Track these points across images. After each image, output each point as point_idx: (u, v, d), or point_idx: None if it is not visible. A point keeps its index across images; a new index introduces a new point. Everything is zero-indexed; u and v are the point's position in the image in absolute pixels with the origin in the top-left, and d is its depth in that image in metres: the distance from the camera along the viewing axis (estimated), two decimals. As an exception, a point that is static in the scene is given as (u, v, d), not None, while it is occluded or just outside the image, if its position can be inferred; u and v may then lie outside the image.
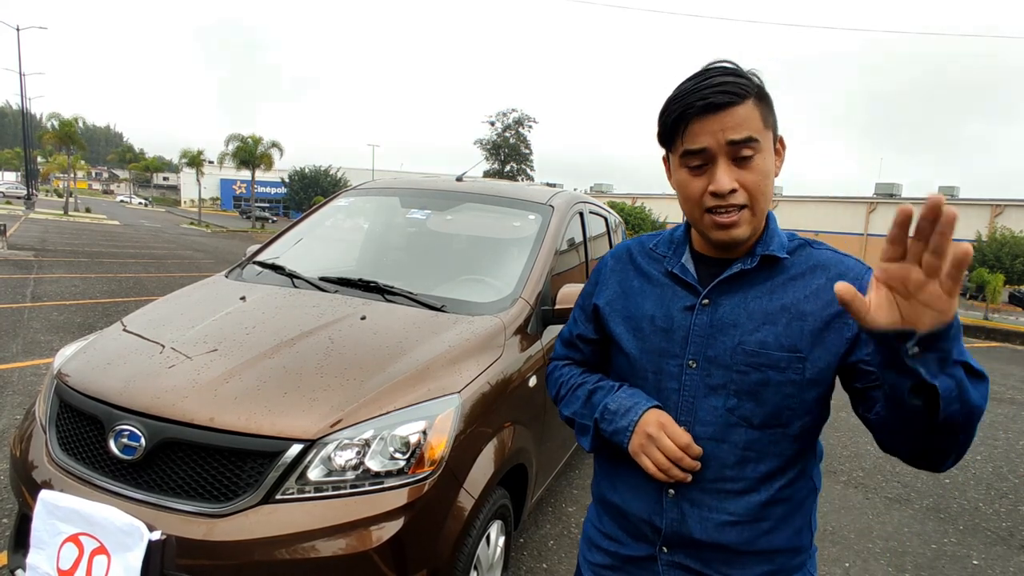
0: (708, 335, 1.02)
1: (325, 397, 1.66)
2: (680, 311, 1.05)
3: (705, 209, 0.98)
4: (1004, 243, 26.68)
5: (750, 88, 0.95)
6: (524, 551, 2.84)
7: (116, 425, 1.62)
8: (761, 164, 0.96)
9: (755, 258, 1.02)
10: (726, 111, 0.93)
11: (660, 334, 1.06)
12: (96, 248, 16.14)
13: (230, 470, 1.55)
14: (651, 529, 1.07)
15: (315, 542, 1.49)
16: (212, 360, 1.80)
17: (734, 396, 1.00)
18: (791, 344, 0.97)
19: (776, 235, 1.05)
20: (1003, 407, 6.60)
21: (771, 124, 0.99)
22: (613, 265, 1.19)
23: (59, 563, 1.54)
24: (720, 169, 0.95)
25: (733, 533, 1.01)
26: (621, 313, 1.12)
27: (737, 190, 0.95)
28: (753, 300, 1.01)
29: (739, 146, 0.94)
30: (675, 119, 0.98)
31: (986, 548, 3.30)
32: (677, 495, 1.03)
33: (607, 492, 1.16)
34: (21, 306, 7.39)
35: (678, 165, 1.01)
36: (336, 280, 2.47)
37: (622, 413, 1.05)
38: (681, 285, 1.07)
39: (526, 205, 2.91)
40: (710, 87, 0.94)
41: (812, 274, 1.01)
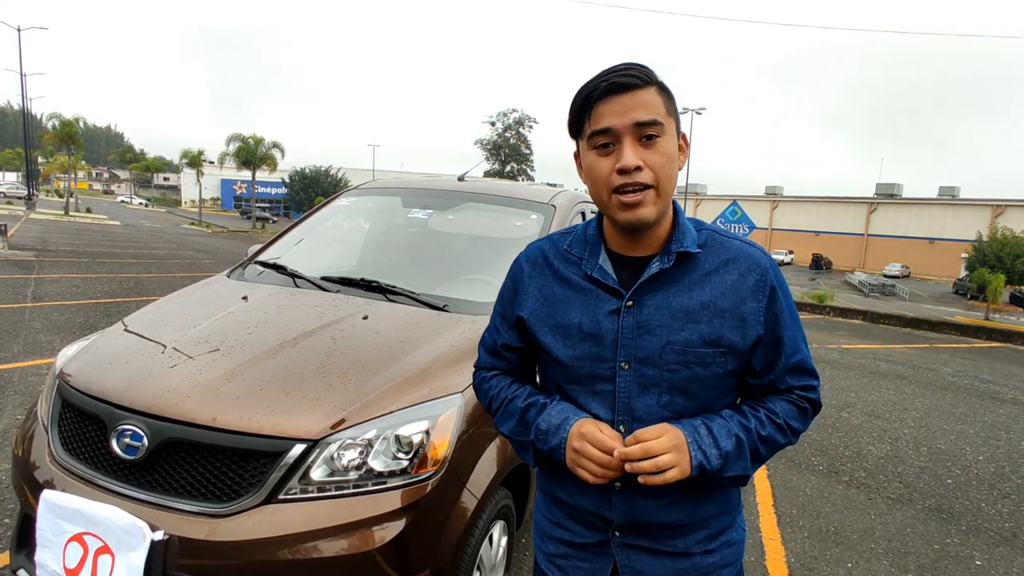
0: (636, 336, 1.05)
1: (328, 397, 1.66)
2: (606, 315, 1.07)
3: (612, 189, 1.01)
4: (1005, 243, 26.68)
5: (652, 77, 1.00)
6: (527, 551, 2.83)
7: (118, 425, 1.62)
8: (666, 146, 1.00)
9: (671, 256, 1.05)
10: (630, 92, 0.98)
11: (590, 340, 1.07)
12: (97, 248, 16.15)
13: (233, 470, 1.55)
14: (602, 520, 1.13)
15: (318, 542, 1.49)
16: (214, 360, 1.80)
17: (666, 392, 1.05)
18: (714, 339, 1.03)
19: (687, 229, 1.08)
20: (1005, 407, 6.59)
21: (673, 114, 1.03)
22: (529, 271, 1.18)
23: (65, 561, 1.55)
24: (626, 146, 0.98)
25: (676, 512, 1.10)
26: (546, 323, 1.12)
27: (643, 168, 0.98)
28: (674, 298, 1.05)
29: (645, 127, 0.98)
30: (582, 102, 1.02)
31: (989, 549, 3.29)
32: (624, 487, 1.08)
33: (555, 489, 1.20)
34: (22, 306, 7.40)
35: (586, 149, 1.04)
36: (338, 280, 2.46)
37: (552, 431, 1.08)
38: (603, 288, 1.08)
39: (528, 204, 2.90)
40: (614, 72, 0.99)
41: (725, 269, 1.06)
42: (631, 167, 0.97)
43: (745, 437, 1.04)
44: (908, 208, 46.72)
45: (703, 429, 1.03)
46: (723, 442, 1.02)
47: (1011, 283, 24.54)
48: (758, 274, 1.06)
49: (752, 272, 1.06)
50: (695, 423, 1.04)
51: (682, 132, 1.07)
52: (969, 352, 10.82)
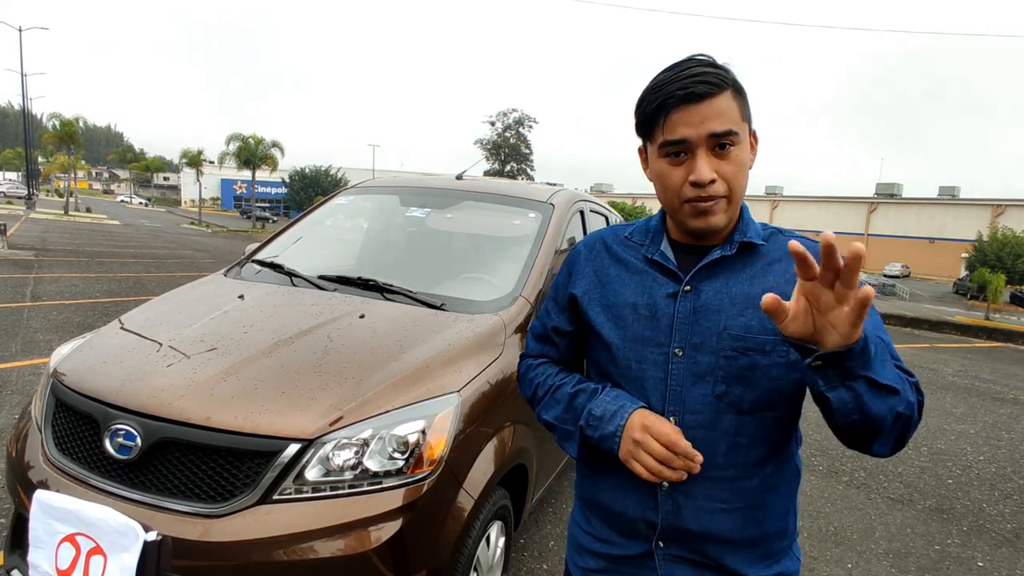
0: (692, 322, 1.01)
1: (323, 396, 1.64)
2: (663, 298, 1.04)
3: (684, 200, 0.98)
4: (1005, 243, 26.67)
5: (727, 80, 0.96)
6: (525, 552, 2.82)
7: (112, 424, 1.60)
8: (739, 155, 0.97)
9: (734, 245, 1.03)
10: (706, 102, 0.94)
11: (644, 322, 1.04)
12: (96, 248, 16.14)
13: (227, 470, 1.53)
14: (646, 525, 1.06)
15: (313, 543, 1.47)
16: (209, 359, 1.78)
17: (722, 382, 0.99)
18: (775, 327, 0.95)
19: (751, 224, 1.06)
20: (1006, 407, 6.57)
21: (747, 117, 1.00)
22: (587, 254, 1.17)
23: (57, 562, 1.53)
24: (700, 160, 0.95)
25: (727, 521, 1.02)
26: (599, 302, 1.10)
27: (716, 181, 0.96)
28: (735, 285, 1.02)
29: (719, 138, 0.95)
30: (655, 109, 0.98)
31: (991, 550, 3.27)
32: (671, 487, 1.03)
33: (596, 494, 1.14)
34: (21, 305, 7.38)
35: (656, 155, 1.01)
36: (335, 278, 2.45)
37: (607, 418, 1.02)
38: (661, 272, 1.06)
39: (526, 203, 2.89)
40: (689, 77, 0.95)
41: (788, 260, 1.01)
42: (705, 181, 0.95)
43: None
44: (908, 208, 46.71)
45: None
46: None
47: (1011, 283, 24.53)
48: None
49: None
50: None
51: (752, 129, 1.03)
52: (969, 352, 10.80)
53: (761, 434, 1.01)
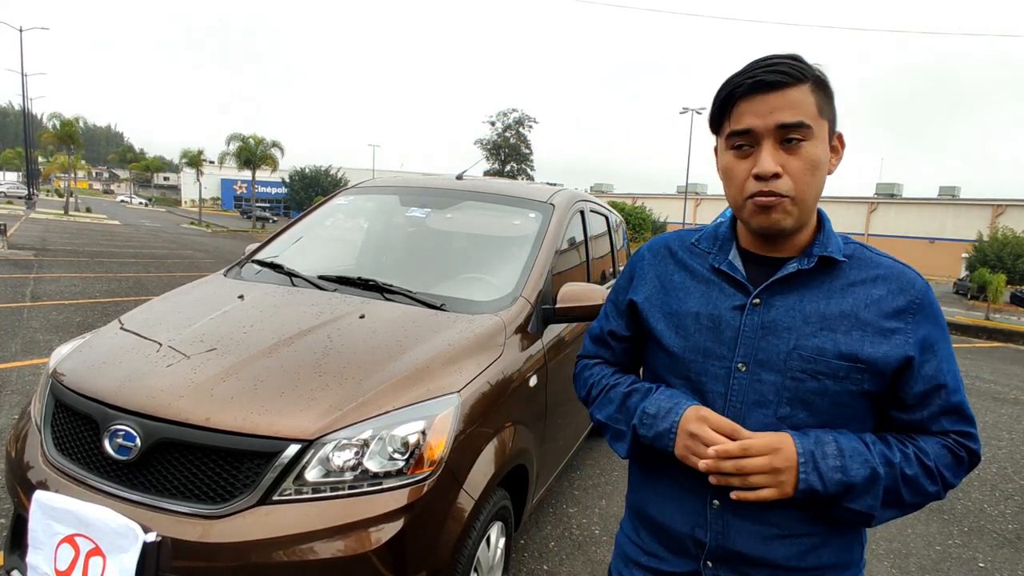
0: (759, 337, 0.96)
1: (323, 396, 1.64)
2: (729, 310, 0.99)
3: (747, 195, 0.93)
4: (1006, 243, 26.64)
5: (808, 72, 0.91)
6: (525, 552, 2.81)
7: (111, 425, 1.60)
8: (811, 152, 0.91)
9: (812, 258, 0.96)
10: (777, 92, 0.89)
11: (706, 333, 1.00)
12: (96, 248, 16.13)
13: (226, 471, 1.53)
14: (694, 543, 1.01)
15: (313, 544, 1.47)
16: (209, 359, 1.78)
17: (786, 404, 0.94)
18: (850, 352, 0.92)
19: (832, 236, 0.99)
20: (1006, 408, 6.57)
21: (828, 115, 0.93)
22: (650, 259, 1.13)
23: (56, 563, 1.52)
24: (765, 151, 0.90)
25: (781, 548, 0.96)
26: (661, 309, 1.06)
27: (781, 176, 0.90)
28: (809, 303, 0.95)
29: (788, 130, 0.89)
30: (723, 98, 0.94)
31: (992, 550, 3.27)
32: (722, 506, 0.97)
33: (645, 505, 1.10)
34: (20, 305, 7.38)
35: (724, 148, 0.97)
36: (335, 279, 2.44)
37: (662, 416, 0.98)
38: (729, 283, 1.01)
39: (527, 203, 2.88)
40: (762, 67, 0.91)
41: (873, 283, 0.96)
42: (768, 174, 0.90)
43: (884, 472, 0.91)
44: (908, 208, 46.69)
45: (832, 447, 0.90)
46: (852, 469, 0.89)
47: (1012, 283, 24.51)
48: (912, 295, 0.95)
49: (905, 292, 0.95)
50: (824, 437, 0.91)
51: (838, 132, 0.97)
52: (970, 352, 10.80)
53: None
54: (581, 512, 3.26)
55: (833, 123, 0.95)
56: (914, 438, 0.96)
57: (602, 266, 3.69)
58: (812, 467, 0.89)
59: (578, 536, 3.01)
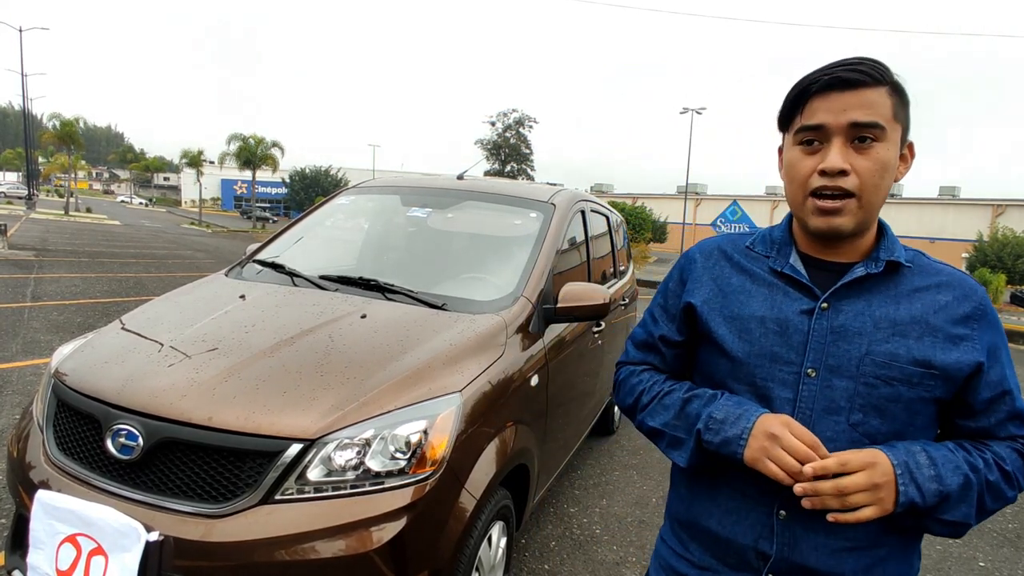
0: (829, 342, 0.94)
1: (325, 396, 1.64)
2: (796, 314, 0.96)
3: (810, 191, 0.92)
4: (1006, 243, 26.63)
5: (887, 76, 0.90)
6: (526, 552, 2.81)
7: (113, 424, 1.60)
8: (882, 154, 0.89)
9: (880, 263, 0.95)
10: (853, 91, 0.88)
11: (773, 337, 0.97)
12: (96, 248, 16.13)
13: (229, 470, 1.53)
14: (756, 555, 0.98)
15: (315, 543, 1.47)
16: (211, 359, 1.78)
17: (859, 411, 0.92)
18: (924, 358, 0.91)
19: (896, 241, 0.98)
20: (1006, 407, 6.57)
21: (902, 120, 0.92)
22: (703, 262, 1.09)
23: (58, 563, 1.53)
24: (834, 147, 0.89)
25: (850, 561, 0.94)
26: (721, 312, 1.03)
27: (849, 173, 0.89)
28: (878, 307, 0.94)
29: (861, 129, 0.88)
30: (797, 94, 0.93)
31: (993, 550, 3.27)
32: (789, 517, 0.94)
33: (699, 516, 1.06)
34: (21, 305, 7.38)
35: (791, 144, 0.96)
36: (336, 278, 2.45)
37: (732, 421, 0.94)
38: (793, 286, 0.99)
39: (527, 203, 2.88)
40: (841, 66, 0.90)
41: (937, 290, 0.95)
42: (835, 169, 0.88)
43: (974, 477, 0.89)
44: (908, 208, 46.69)
45: (923, 456, 0.88)
46: (948, 477, 0.88)
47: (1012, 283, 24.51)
48: (975, 302, 0.94)
49: (968, 299, 0.94)
50: (913, 447, 0.89)
51: (910, 140, 0.95)
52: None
53: None
54: (582, 512, 3.27)
55: (906, 130, 0.94)
56: (988, 444, 0.95)
57: (603, 266, 3.69)
58: (910, 479, 0.87)
59: (579, 536, 3.01)
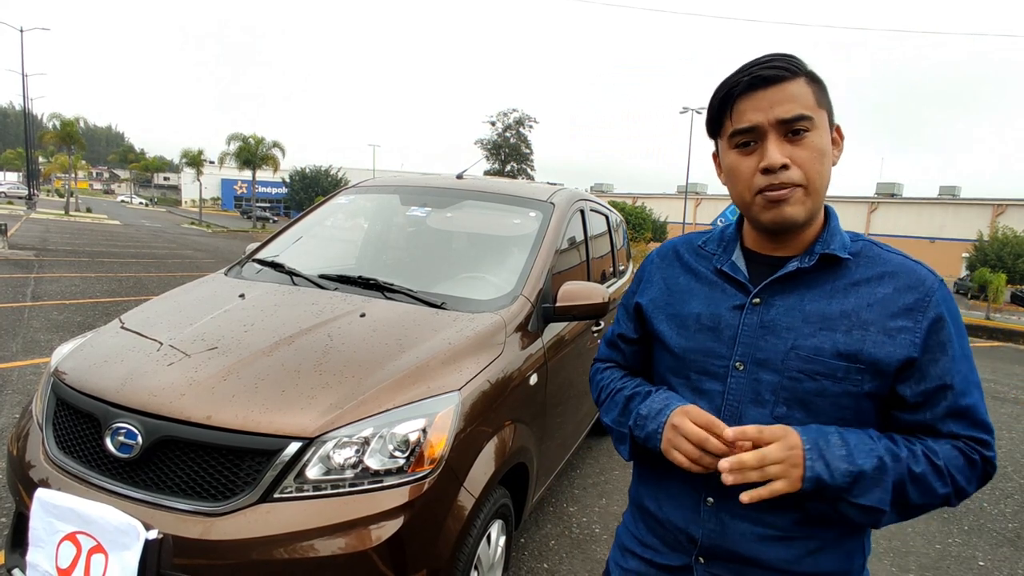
0: (758, 336, 0.96)
1: (324, 395, 1.64)
2: (728, 310, 0.99)
3: (756, 191, 0.93)
4: (1006, 243, 26.63)
5: (801, 67, 0.92)
6: (525, 551, 2.82)
7: (113, 423, 1.61)
8: (816, 141, 0.91)
9: (813, 256, 0.95)
10: (775, 87, 0.90)
11: (706, 332, 1.01)
12: (97, 248, 16.14)
13: (228, 468, 1.53)
14: (687, 539, 1.02)
15: (313, 541, 1.47)
16: (210, 358, 1.78)
17: (783, 404, 0.94)
18: (850, 353, 0.91)
19: (838, 233, 0.98)
20: (1007, 407, 6.57)
21: (825, 105, 0.94)
22: (658, 263, 1.14)
23: (58, 561, 1.53)
24: (771, 144, 0.90)
25: (777, 549, 0.95)
26: (665, 311, 1.08)
27: (790, 166, 0.90)
28: (810, 303, 0.94)
29: (792, 123, 0.90)
30: (722, 99, 0.95)
31: (992, 549, 3.27)
32: (716, 505, 0.98)
33: (644, 498, 1.12)
34: (21, 305, 7.39)
35: (727, 148, 0.97)
36: (335, 278, 2.45)
37: (652, 416, 1.00)
38: (731, 283, 1.02)
39: (527, 202, 2.89)
40: (757, 65, 0.92)
41: (879, 282, 0.94)
42: (776, 165, 0.89)
43: (892, 464, 0.88)
44: (909, 208, 46.68)
45: (835, 437, 0.88)
46: (859, 458, 0.87)
47: (1012, 283, 24.52)
48: (920, 293, 0.92)
49: (913, 290, 0.92)
50: (826, 429, 0.90)
51: (836, 123, 0.97)
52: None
53: None
54: (581, 511, 3.27)
55: (831, 114, 0.96)
56: (923, 438, 0.93)
57: (602, 265, 3.69)
58: (818, 454, 0.86)
59: (578, 535, 3.02)
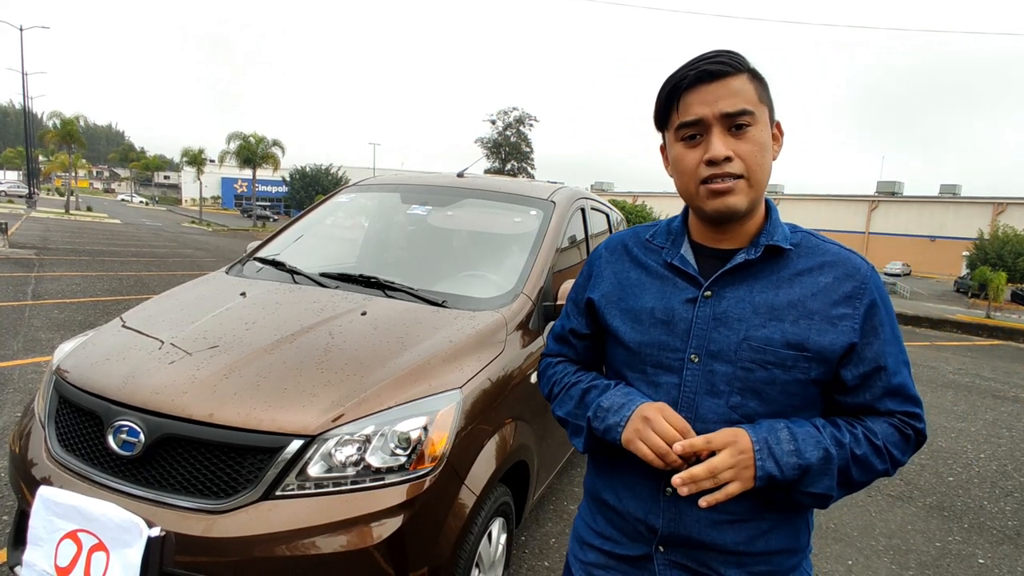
0: (711, 328, 0.99)
1: (325, 393, 1.65)
2: (681, 303, 1.02)
3: (700, 180, 0.96)
4: (1006, 241, 26.63)
5: (743, 64, 0.96)
6: (526, 549, 2.82)
7: (115, 421, 1.61)
8: (757, 135, 0.95)
9: (759, 248, 0.99)
10: (719, 81, 0.94)
11: (660, 327, 1.03)
12: (97, 246, 16.14)
13: (230, 466, 1.54)
14: (647, 529, 1.05)
15: (315, 539, 1.48)
16: (212, 356, 1.79)
17: (737, 393, 0.97)
18: (798, 342, 0.95)
19: (779, 225, 1.02)
20: (1007, 405, 6.57)
21: (766, 101, 0.98)
22: (607, 257, 1.16)
23: (57, 560, 1.53)
24: (715, 137, 0.94)
25: (731, 533, 0.99)
26: (618, 306, 1.09)
27: (733, 159, 0.94)
28: (759, 294, 0.98)
29: (735, 117, 0.93)
30: (669, 92, 0.98)
31: (992, 547, 3.28)
32: (674, 494, 0.99)
33: (601, 491, 1.13)
34: (22, 304, 7.39)
35: (673, 141, 1.00)
36: (336, 276, 2.45)
37: (615, 410, 1.02)
38: (682, 277, 1.04)
39: (527, 200, 2.89)
40: (704, 60, 0.96)
41: (820, 271, 0.99)
42: (720, 158, 0.93)
43: (836, 452, 0.94)
44: (909, 206, 46.65)
45: (784, 433, 0.93)
46: (807, 452, 0.92)
47: (1012, 281, 24.51)
48: (857, 281, 0.98)
49: (850, 278, 0.98)
50: (776, 424, 0.95)
51: (776, 120, 1.01)
52: (970, 350, 10.80)
53: None
54: (582, 509, 3.27)
55: (772, 111, 1.00)
56: (862, 420, 0.99)
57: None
58: (768, 453, 0.92)
59: (579, 533, 3.02)
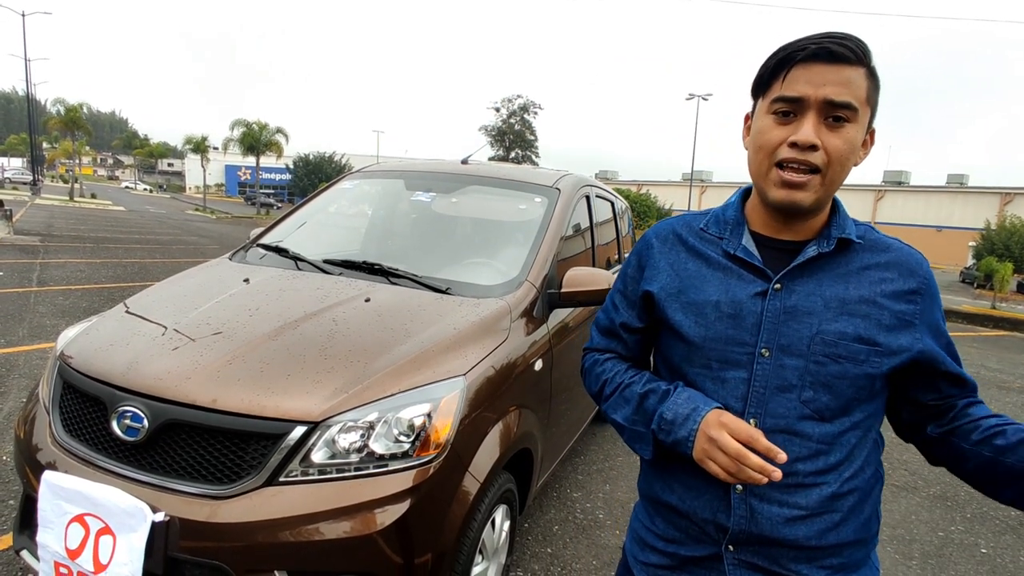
0: (782, 322, 0.95)
1: (329, 379, 1.64)
2: (749, 297, 0.98)
3: (776, 162, 0.92)
4: (1013, 232, 26.46)
5: (867, 56, 0.90)
6: (529, 536, 2.83)
7: (119, 406, 1.61)
8: (852, 134, 0.90)
9: (831, 241, 0.96)
10: (836, 65, 0.88)
11: (727, 320, 0.98)
12: (101, 233, 16.18)
13: (233, 452, 1.54)
14: (716, 528, 1.01)
15: (319, 525, 1.48)
16: (215, 342, 1.78)
17: (810, 388, 0.94)
18: (870, 337, 0.93)
19: (847, 218, 0.99)
20: (1011, 396, 6.55)
21: (872, 104, 0.93)
22: (660, 247, 1.09)
23: (67, 542, 1.54)
24: (808, 121, 0.89)
25: (803, 528, 0.96)
26: (678, 299, 1.04)
27: (819, 148, 0.89)
28: (828, 287, 0.96)
29: (836, 108, 0.88)
30: (779, 61, 0.92)
31: (995, 537, 3.27)
32: (745, 491, 0.97)
33: (661, 493, 1.08)
34: (27, 290, 7.42)
35: (764, 111, 0.94)
36: (340, 263, 2.44)
37: (680, 423, 0.97)
38: (747, 268, 1.00)
39: (532, 188, 2.87)
40: (829, 38, 0.89)
41: (886, 267, 0.97)
42: (807, 143, 0.88)
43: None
44: (916, 196, 46.33)
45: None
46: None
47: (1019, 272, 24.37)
48: (921, 278, 0.97)
49: (915, 275, 0.97)
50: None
51: (872, 128, 0.96)
52: (976, 340, 10.76)
53: (841, 440, 0.96)
54: (585, 497, 3.28)
55: (874, 116, 0.94)
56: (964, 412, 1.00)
57: (607, 252, 3.67)
58: None
59: (582, 520, 3.03)
